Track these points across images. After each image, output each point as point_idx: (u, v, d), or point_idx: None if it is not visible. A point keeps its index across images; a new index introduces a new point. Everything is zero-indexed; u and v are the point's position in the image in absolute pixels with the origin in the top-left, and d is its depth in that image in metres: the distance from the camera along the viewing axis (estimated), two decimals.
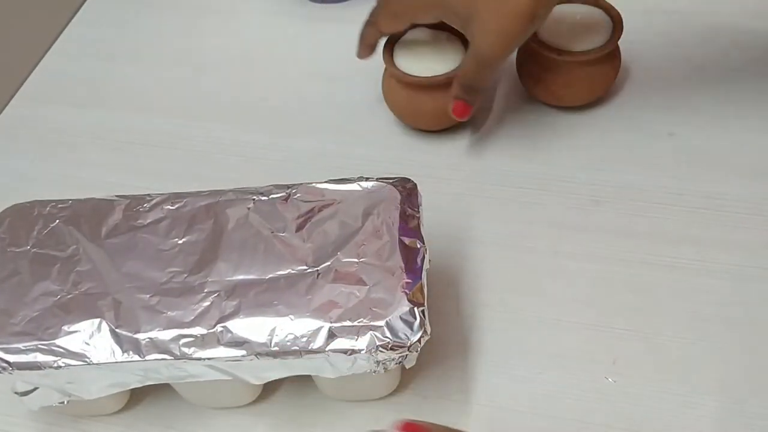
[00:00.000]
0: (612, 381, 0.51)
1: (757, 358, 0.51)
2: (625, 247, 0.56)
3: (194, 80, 0.72)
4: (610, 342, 0.52)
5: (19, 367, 0.44)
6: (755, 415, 0.49)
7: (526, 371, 0.52)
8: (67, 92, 0.73)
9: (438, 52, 0.62)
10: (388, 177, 0.50)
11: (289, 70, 0.72)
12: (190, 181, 0.56)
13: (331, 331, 0.44)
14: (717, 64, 0.67)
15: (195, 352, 0.44)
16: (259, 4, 0.78)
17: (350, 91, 0.69)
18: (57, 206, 0.51)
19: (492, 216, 0.59)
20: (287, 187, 0.50)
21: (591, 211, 0.59)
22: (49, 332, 0.45)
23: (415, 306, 0.44)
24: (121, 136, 0.68)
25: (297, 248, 0.47)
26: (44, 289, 0.47)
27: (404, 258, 0.46)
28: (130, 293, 0.46)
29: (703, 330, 0.52)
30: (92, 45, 0.77)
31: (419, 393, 0.51)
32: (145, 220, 0.50)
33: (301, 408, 0.51)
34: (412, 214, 0.48)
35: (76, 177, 0.65)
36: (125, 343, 0.44)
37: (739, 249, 0.56)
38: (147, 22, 0.78)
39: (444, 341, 0.53)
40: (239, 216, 0.49)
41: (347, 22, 0.67)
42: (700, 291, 0.54)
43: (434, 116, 0.63)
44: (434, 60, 0.61)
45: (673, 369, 0.51)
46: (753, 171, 0.60)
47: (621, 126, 0.64)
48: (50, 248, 0.49)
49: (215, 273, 0.47)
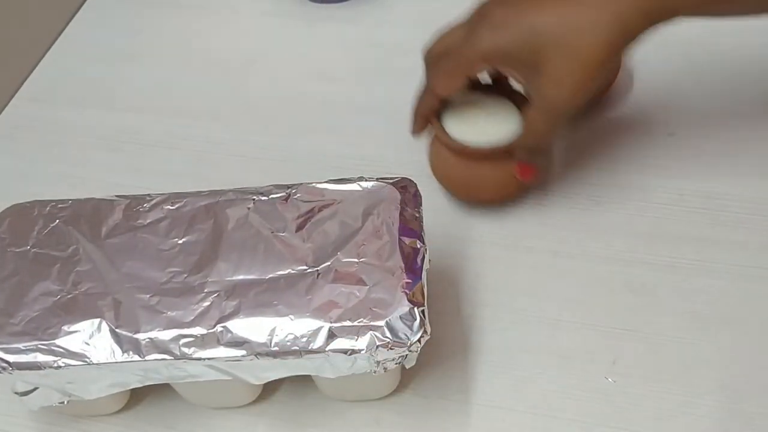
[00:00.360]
0: (612, 381, 0.51)
1: (757, 358, 0.51)
2: (625, 247, 0.56)
3: (194, 80, 0.72)
4: (610, 342, 0.52)
5: (19, 367, 0.44)
6: (755, 415, 0.49)
7: (526, 371, 0.52)
8: (67, 92, 0.73)
9: (492, 116, 0.57)
10: (388, 177, 0.50)
11: (289, 70, 0.72)
12: (190, 181, 0.56)
13: (331, 331, 0.44)
14: (717, 64, 0.67)
15: (195, 352, 0.44)
16: (259, 4, 0.78)
17: (350, 91, 0.69)
18: (57, 206, 0.51)
19: (492, 216, 0.59)
20: (287, 187, 0.50)
21: (591, 211, 0.59)
22: (49, 332, 0.45)
23: (415, 306, 0.44)
24: (121, 136, 0.68)
25: (297, 248, 0.47)
26: (44, 289, 0.47)
27: (404, 258, 0.46)
28: (130, 293, 0.46)
29: (703, 330, 0.52)
30: (92, 45, 0.77)
31: (419, 393, 0.51)
32: (145, 220, 0.50)
33: (301, 408, 0.51)
34: (412, 214, 0.48)
35: (76, 177, 0.66)
36: (125, 343, 0.44)
37: (739, 249, 0.56)
38: (147, 22, 0.78)
39: (444, 341, 0.53)
40: (239, 216, 0.49)
41: (347, 22, 0.67)
42: (700, 291, 0.54)
43: (497, 188, 0.57)
44: (489, 125, 0.56)
45: (673, 369, 0.51)
46: (753, 171, 0.60)
47: (621, 126, 0.64)
48: (50, 248, 0.49)
49: (215, 273, 0.47)
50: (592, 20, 0.48)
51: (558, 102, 0.51)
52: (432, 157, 0.59)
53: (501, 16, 0.50)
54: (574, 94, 0.50)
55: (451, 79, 0.54)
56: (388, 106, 0.68)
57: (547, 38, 0.49)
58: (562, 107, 0.51)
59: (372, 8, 0.76)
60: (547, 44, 0.49)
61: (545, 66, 0.49)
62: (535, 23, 0.49)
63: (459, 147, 0.56)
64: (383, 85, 0.70)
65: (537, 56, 0.49)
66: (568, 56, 0.49)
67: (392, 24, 0.75)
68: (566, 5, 0.49)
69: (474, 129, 0.56)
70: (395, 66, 0.71)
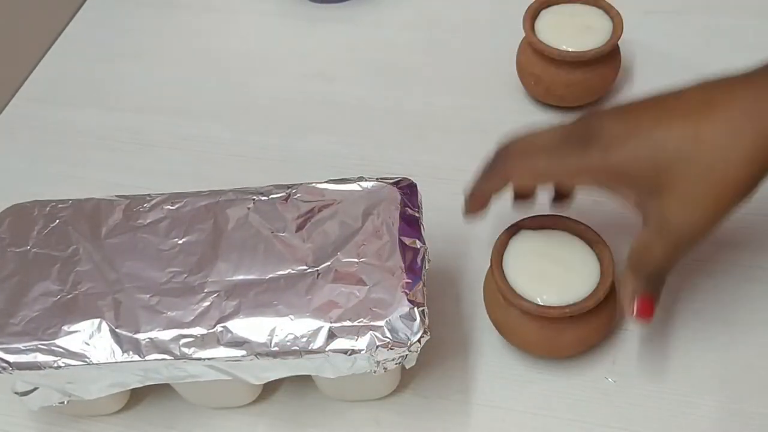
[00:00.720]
0: (612, 381, 0.51)
1: (757, 358, 0.51)
2: (625, 247, 0.56)
3: (194, 80, 0.72)
4: (610, 342, 0.52)
5: (19, 367, 0.44)
6: (755, 415, 0.49)
7: (526, 371, 0.52)
8: (67, 92, 0.73)
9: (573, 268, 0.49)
10: (388, 177, 0.50)
11: (289, 70, 0.72)
12: (190, 181, 0.56)
13: (331, 331, 0.44)
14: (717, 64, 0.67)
15: (195, 352, 0.44)
16: (259, 4, 0.78)
17: (350, 91, 0.69)
18: (57, 206, 0.51)
19: (492, 216, 0.59)
20: (287, 187, 0.50)
21: (591, 210, 0.59)
22: (49, 332, 0.45)
23: (415, 306, 0.44)
24: (121, 136, 0.68)
25: (297, 248, 0.47)
26: (44, 289, 0.47)
27: (404, 258, 0.46)
28: (130, 293, 0.46)
29: (703, 330, 0.52)
30: (92, 45, 0.77)
31: (419, 393, 0.51)
32: (145, 220, 0.50)
33: (301, 408, 0.51)
34: (412, 214, 0.48)
35: (76, 177, 0.66)
36: (125, 343, 0.44)
37: (739, 249, 0.56)
38: (147, 22, 0.78)
39: (444, 341, 0.53)
40: (239, 216, 0.49)
41: (347, 22, 0.67)
42: (700, 291, 0.54)
43: (579, 343, 0.50)
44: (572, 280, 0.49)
45: (673, 369, 0.51)
46: None
47: None
48: (50, 248, 0.49)
49: (215, 273, 0.47)
50: (731, 137, 0.42)
51: (685, 227, 0.44)
52: (490, 303, 0.51)
53: (617, 131, 0.44)
54: (705, 219, 0.43)
55: (537, 179, 0.48)
56: (388, 106, 0.68)
57: (676, 155, 0.42)
58: (689, 232, 0.44)
59: (372, 8, 0.76)
60: (675, 163, 0.43)
61: (673, 186, 0.43)
62: (661, 140, 0.43)
63: (537, 310, 0.48)
64: (383, 85, 0.70)
65: (660, 177, 0.43)
66: (701, 177, 0.42)
67: (392, 24, 0.75)
68: (698, 120, 0.43)
69: (553, 289, 0.48)
70: (395, 66, 0.71)
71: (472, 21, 0.74)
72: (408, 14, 0.75)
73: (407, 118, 0.67)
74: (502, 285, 0.48)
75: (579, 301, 0.47)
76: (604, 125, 0.45)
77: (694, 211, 0.43)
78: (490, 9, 0.74)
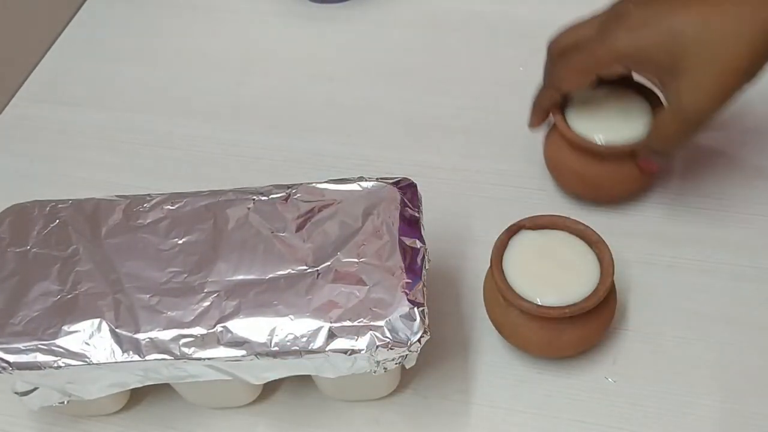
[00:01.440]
0: (612, 381, 0.51)
1: (757, 358, 0.51)
2: (625, 248, 0.56)
3: (194, 80, 0.72)
4: (610, 342, 0.52)
5: (19, 367, 0.44)
6: (755, 415, 0.49)
7: (525, 371, 0.52)
8: (67, 92, 0.73)
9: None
10: (388, 177, 0.50)
11: (289, 70, 0.72)
12: (189, 181, 0.56)
13: (331, 331, 0.44)
14: None
15: (195, 352, 0.44)
16: (259, 4, 0.79)
17: (350, 91, 0.69)
18: (57, 206, 0.51)
19: (492, 216, 0.59)
20: (287, 187, 0.50)
21: (591, 210, 0.59)
22: (49, 332, 0.45)
23: (415, 306, 0.44)
24: (121, 136, 0.68)
25: (297, 248, 0.47)
26: (44, 289, 0.47)
27: (404, 258, 0.46)
28: (130, 293, 0.46)
29: (703, 330, 0.52)
30: (92, 45, 0.77)
31: (419, 393, 0.51)
32: (145, 220, 0.50)
33: (301, 408, 0.51)
34: (412, 214, 0.48)
35: (76, 177, 0.66)
36: (125, 343, 0.44)
37: (739, 249, 0.56)
38: (147, 22, 0.78)
39: (444, 341, 0.53)
40: (239, 216, 0.49)
41: (347, 22, 0.67)
42: (700, 291, 0.54)
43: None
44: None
45: (673, 369, 0.51)
46: (753, 171, 0.60)
47: None
48: (50, 248, 0.49)
49: (215, 273, 0.47)
50: (737, 26, 0.47)
51: (694, 109, 0.49)
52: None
53: (640, 16, 0.49)
54: (712, 103, 0.49)
55: (580, 76, 0.53)
56: (388, 106, 0.68)
57: (688, 42, 0.47)
58: (697, 114, 0.49)
59: (372, 8, 0.76)
60: (688, 48, 0.47)
61: (684, 71, 0.48)
62: (677, 26, 0.48)
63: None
64: (383, 85, 0.70)
65: (676, 60, 0.48)
66: (709, 63, 0.47)
67: (392, 24, 0.75)
68: (710, 10, 0.47)
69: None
70: (395, 66, 0.71)
71: (473, 21, 0.74)
72: (408, 14, 0.75)
73: (407, 118, 0.67)
74: (502, 285, 0.48)
75: (579, 301, 0.47)
76: (631, 11, 0.49)
77: (702, 95, 0.48)
78: (490, 9, 0.74)
